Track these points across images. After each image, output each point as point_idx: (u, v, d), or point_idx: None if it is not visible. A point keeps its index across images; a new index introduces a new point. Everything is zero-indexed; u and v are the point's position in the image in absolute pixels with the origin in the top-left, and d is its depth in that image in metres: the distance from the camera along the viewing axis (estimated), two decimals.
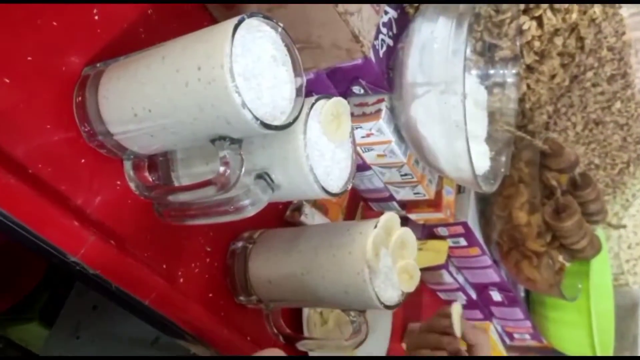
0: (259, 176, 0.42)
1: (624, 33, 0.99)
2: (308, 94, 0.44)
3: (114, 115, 0.41)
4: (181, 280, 0.50)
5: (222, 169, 0.39)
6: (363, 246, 0.47)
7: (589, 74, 0.97)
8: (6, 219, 0.37)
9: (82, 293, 0.73)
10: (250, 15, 0.36)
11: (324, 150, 0.43)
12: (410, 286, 0.50)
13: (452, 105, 0.53)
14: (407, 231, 0.50)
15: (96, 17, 0.45)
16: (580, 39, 0.83)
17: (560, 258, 0.80)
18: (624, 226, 1.05)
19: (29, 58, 0.40)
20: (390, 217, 0.48)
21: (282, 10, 0.53)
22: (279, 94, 0.38)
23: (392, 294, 0.49)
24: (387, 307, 0.48)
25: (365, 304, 0.48)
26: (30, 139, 0.40)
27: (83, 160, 0.43)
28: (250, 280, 0.53)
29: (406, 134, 0.61)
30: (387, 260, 0.48)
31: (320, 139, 0.43)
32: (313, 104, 0.43)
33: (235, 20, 0.35)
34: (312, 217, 0.64)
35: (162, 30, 0.49)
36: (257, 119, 0.36)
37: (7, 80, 0.39)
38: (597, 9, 0.81)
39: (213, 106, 0.36)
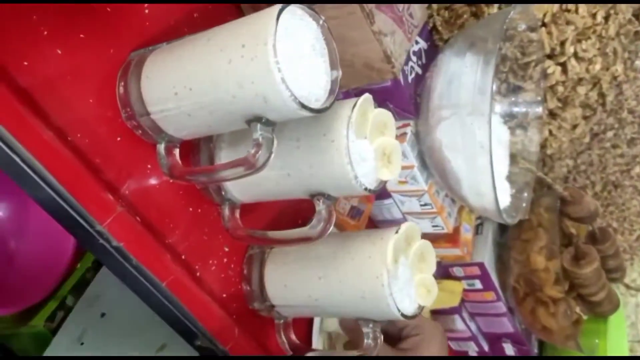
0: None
1: None
2: None
3: (154, 95, 0.43)
4: (198, 274, 0.50)
5: (253, 150, 0.40)
6: (383, 251, 0.46)
7: (609, 134, 0.98)
8: (43, 180, 0.38)
9: (91, 301, 0.73)
10: (296, 3, 0.39)
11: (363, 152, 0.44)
12: (428, 300, 0.49)
13: (478, 127, 0.54)
14: (427, 244, 0.50)
15: (146, 11, 0.48)
16: (602, 95, 0.85)
17: (578, 309, 0.78)
18: None
19: (82, 36, 0.43)
20: (411, 226, 0.49)
21: None
22: (316, 82, 0.40)
23: (408, 305, 0.48)
24: (404, 316, 0.47)
25: (381, 311, 0.48)
26: (72, 109, 0.42)
27: (119, 139, 0.44)
28: (266, 284, 0.53)
29: (430, 159, 0.62)
30: (405, 271, 0.48)
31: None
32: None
33: (280, 5, 0.38)
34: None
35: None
36: (295, 97, 0.37)
37: (59, 52, 0.41)
38: (619, 67, 0.84)
39: (253, 83, 0.37)
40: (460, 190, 0.60)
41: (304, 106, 0.38)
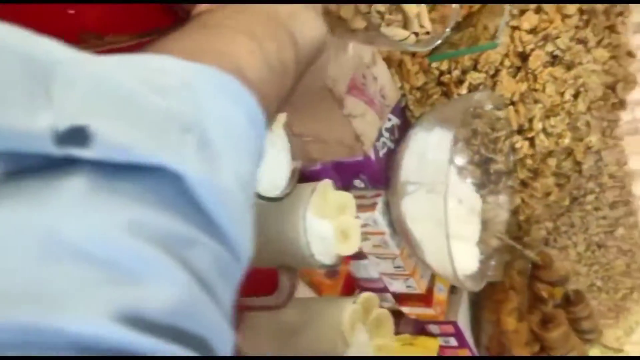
0: None
1: (625, 163, 1.05)
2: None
3: None
4: None
5: None
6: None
7: (590, 198, 1.03)
8: None
9: None
10: None
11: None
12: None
13: (436, 203, 0.59)
14: (385, 312, 0.55)
15: None
16: (578, 163, 0.90)
17: None
18: (621, 350, 1.05)
19: None
20: (369, 296, 0.54)
21: (293, 109, 0.61)
22: (277, 174, 0.46)
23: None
24: None
25: None
26: None
27: None
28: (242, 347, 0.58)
29: (398, 228, 0.67)
30: (362, 336, 0.53)
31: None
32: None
33: None
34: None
35: None
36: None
37: None
38: (593, 137, 0.88)
39: None
40: (425, 259, 0.65)
41: (262, 197, 0.44)
